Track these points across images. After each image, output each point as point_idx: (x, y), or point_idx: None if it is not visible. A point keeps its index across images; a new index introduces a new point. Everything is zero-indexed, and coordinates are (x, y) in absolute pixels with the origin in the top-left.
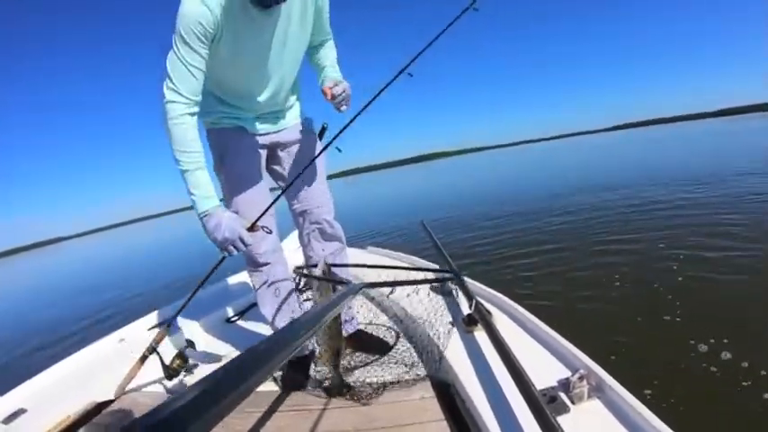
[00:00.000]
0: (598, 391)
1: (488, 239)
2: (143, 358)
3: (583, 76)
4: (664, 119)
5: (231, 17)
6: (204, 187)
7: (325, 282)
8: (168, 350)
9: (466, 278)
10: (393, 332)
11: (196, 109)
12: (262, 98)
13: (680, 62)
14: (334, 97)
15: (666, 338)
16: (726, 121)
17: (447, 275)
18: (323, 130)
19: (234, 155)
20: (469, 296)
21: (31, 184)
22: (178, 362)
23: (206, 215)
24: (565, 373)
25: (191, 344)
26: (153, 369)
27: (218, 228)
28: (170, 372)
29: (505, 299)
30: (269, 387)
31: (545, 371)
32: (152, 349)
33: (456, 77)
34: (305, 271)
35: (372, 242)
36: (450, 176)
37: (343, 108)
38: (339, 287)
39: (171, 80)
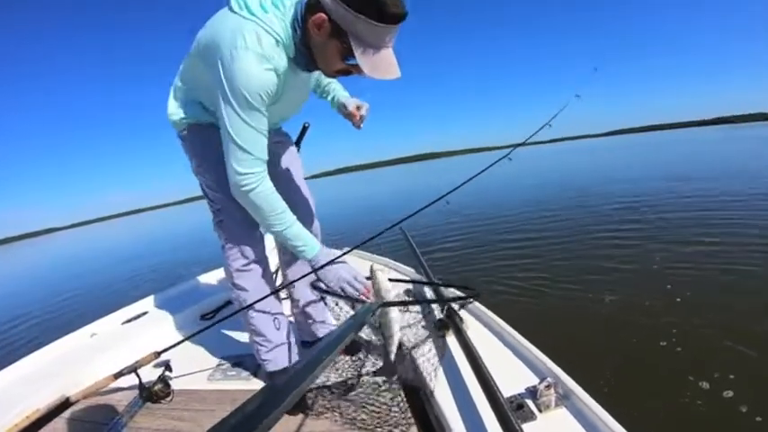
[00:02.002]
0: (565, 399)
1: (465, 242)
2: (119, 374)
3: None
4: (658, 125)
5: (285, 76)
6: (305, 237)
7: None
8: (147, 371)
9: (443, 287)
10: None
11: (265, 166)
12: (280, 122)
13: (675, 63)
14: (361, 118)
15: (661, 368)
16: (723, 130)
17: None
18: (304, 129)
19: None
20: (442, 301)
21: (23, 176)
22: (160, 386)
23: (315, 261)
24: (533, 380)
25: (168, 367)
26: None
27: (327, 274)
28: (150, 395)
29: (478, 305)
30: (244, 387)
31: (514, 378)
32: (132, 369)
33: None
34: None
35: (345, 243)
36: (437, 176)
37: (362, 126)
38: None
39: (242, 148)
